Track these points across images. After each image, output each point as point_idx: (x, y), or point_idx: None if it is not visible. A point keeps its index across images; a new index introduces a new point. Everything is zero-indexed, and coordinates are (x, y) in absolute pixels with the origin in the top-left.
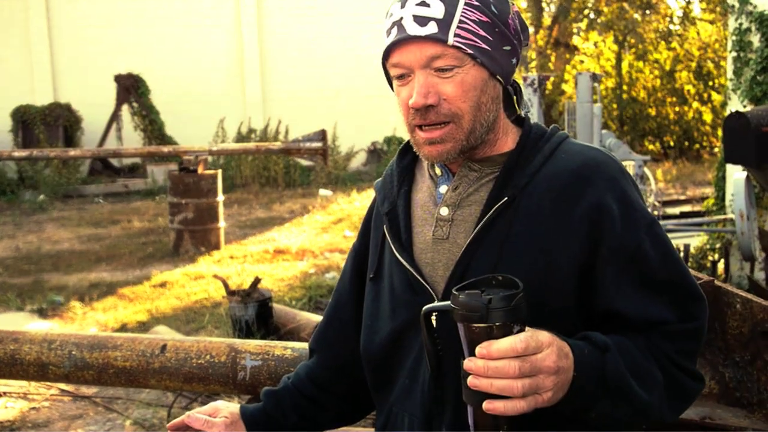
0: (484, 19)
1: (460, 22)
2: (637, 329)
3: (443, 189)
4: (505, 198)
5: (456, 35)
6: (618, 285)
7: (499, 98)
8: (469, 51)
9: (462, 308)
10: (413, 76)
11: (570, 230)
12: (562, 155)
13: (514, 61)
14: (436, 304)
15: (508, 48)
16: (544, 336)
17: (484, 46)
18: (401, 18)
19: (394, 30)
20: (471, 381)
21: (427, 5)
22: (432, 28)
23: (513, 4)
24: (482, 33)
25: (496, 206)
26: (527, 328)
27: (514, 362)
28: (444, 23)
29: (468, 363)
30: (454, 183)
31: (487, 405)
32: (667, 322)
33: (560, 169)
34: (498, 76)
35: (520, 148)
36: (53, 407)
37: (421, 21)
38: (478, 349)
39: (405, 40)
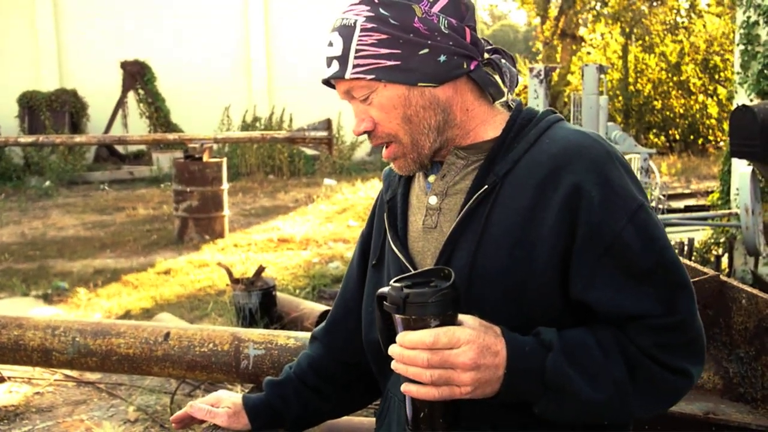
0: (384, 37)
1: (357, 51)
2: (611, 322)
3: (431, 178)
4: (485, 187)
5: (355, 66)
6: (593, 276)
7: (438, 101)
8: (370, 76)
9: (387, 299)
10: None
11: (549, 219)
12: (546, 141)
13: (443, 58)
14: (383, 289)
15: (425, 51)
16: (464, 333)
17: (390, 63)
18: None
19: None
20: (393, 364)
21: (331, 45)
22: (334, 67)
23: (427, 2)
24: (385, 51)
25: (476, 195)
26: (462, 320)
27: (423, 353)
28: (342, 59)
29: (390, 348)
30: (442, 171)
31: (404, 387)
32: (644, 315)
33: (542, 155)
34: (422, 83)
35: (505, 135)
36: (57, 392)
37: (328, 62)
38: (397, 338)
39: (324, 81)
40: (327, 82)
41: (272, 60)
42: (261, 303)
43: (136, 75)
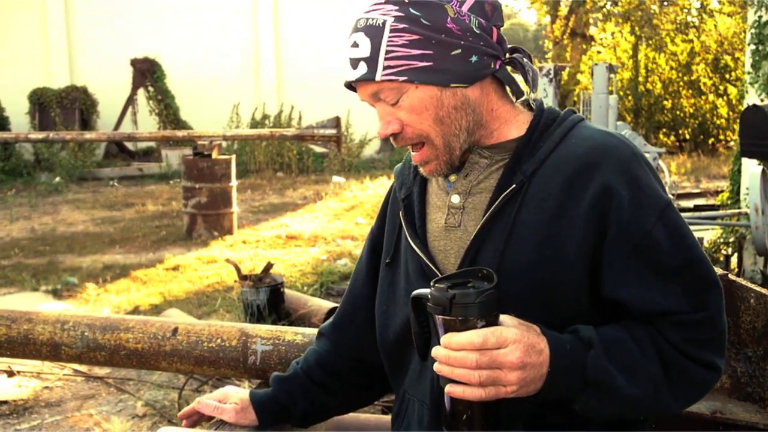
0: (415, 37)
1: (387, 52)
2: (642, 319)
3: (452, 177)
4: (513, 186)
5: (385, 68)
6: (623, 274)
7: (469, 101)
8: (402, 78)
9: (431, 300)
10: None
11: (578, 217)
12: (572, 140)
13: (475, 58)
14: (420, 290)
15: (457, 51)
16: (510, 332)
17: (422, 64)
18: (347, 62)
19: None
20: (436, 366)
21: (357, 45)
22: (362, 69)
23: (456, 2)
24: (417, 52)
25: (504, 194)
26: (502, 320)
27: (472, 354)
28: (371, 60)
29: (434, 350)
30: (464, 170)
31: (448, 388)
32: (675, 311)
33: (569, 154)
34: (454, 84)
35: (530, 134)
36: (66, 387)
37: (354, 63)
38: (442, 340)
39: (347, 84)
40: (349, 85)
41: (281, 58)
42: (269, 300)
43: (146, 72)
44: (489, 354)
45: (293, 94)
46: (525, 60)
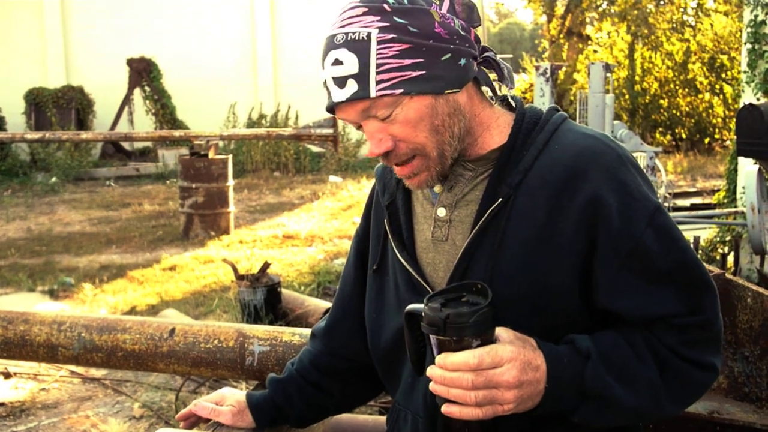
0: (405, 46)
1: (378, 66)
2: (639, 325)
3: (437, 188)
4: (500, 200)
5: (378, 83)
6: (617, 284)
7: (459, 107)
8: (398, 91)
9: (424, 320)
10: (362, 126)
11: (567, 229)
12: (556, 146)
13: (463, 61)
14: (414, 306)
15: (447, 56)
16: (505, 351)
17: (415, 73)
18: (325, 80)
19: (326, 92)
20: (431, 386)
21: (341, 62)
22: (352, 87)
23: (437, 5)
24: (408, 62)
25: (491, 208)
26: (498, 336)
27: (467, 375)
28: (362, 76)
29: (429, 370)
30: (449, 183)
31: (444, 408)
32: (670, 315)
33: (554, 162)
34: (448, 90)
35: (512, 141)
36: (63, 389)
37: (340, 82)
38: (437, 360)
39: (335, 105)
40: (330, 108)
41: (278, 57)
42: (266, 299)
43: (142, 72)
44: (485, 374)
45: (290, 93)
46: (497, 57)
